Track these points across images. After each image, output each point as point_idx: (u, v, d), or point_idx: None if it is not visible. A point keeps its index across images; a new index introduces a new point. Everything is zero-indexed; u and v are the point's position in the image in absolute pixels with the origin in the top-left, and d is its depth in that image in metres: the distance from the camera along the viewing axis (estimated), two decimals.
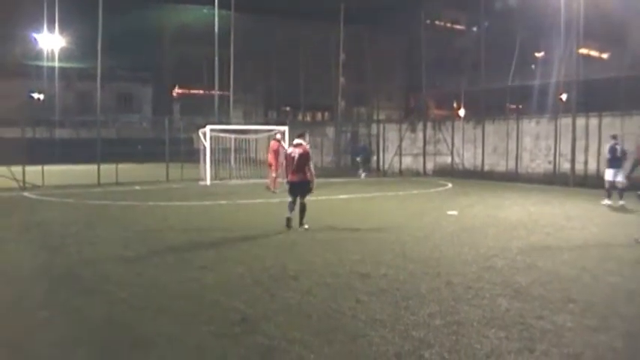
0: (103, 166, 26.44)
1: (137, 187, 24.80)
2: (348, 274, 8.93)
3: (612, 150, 18.83)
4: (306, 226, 13.32)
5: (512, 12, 34.75)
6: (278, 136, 24.60)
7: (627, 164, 17.54)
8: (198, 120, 39.10)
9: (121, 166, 27.17)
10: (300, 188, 13.41)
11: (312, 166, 13.47)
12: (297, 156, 13.33)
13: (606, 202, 18.55)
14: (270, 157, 23.09)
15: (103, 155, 27.15)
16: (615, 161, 18.54)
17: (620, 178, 18.17)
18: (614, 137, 19.68)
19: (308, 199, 13.55)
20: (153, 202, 19.39)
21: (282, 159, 19.79)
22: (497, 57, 34.10)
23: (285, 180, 14.02)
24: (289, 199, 13.56)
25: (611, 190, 18.62)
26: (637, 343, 6.16)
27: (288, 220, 13.33)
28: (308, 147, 13.76)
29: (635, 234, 12.72)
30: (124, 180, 26.37)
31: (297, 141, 13.71)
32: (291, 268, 9.34)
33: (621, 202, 18.09)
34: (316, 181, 13.62)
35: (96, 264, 9.82)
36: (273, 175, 22.91)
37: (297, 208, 13.42)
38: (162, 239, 12.27)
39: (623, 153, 18.70)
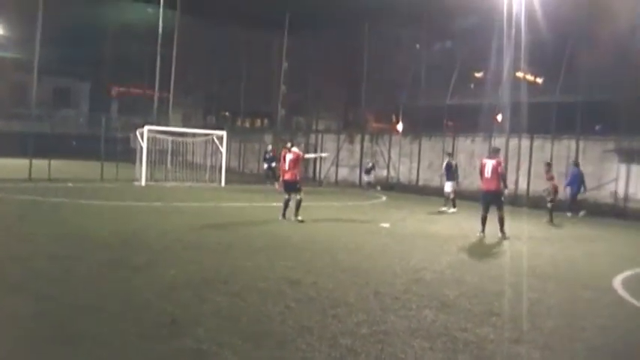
0: (36, 162, 25.82)
1: (70, 185, 24.32)
2: (278, 280, 9.01)
3: (448, 166, 22.55)
4: (300, 218, 16.08)
5: (454, 32, 35.48)
6: (288, 144, 26.33)
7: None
8: (136, 120, 38.57)
9: (54, 162, 26.57)
10: (291, 186, 16.46)
11: (299, 167, 16.75)
12: (288, 160, 16.55)
13: (444, 208, 22.06)
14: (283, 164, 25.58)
15: (36, 150, 26.51)
16: (451, 174, 22.29)
17: (449, 189, 22.04)
18: (450, 155, 24.23)
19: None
20: (85, 201, 19.06)
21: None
22: (437, 74, 34.73)
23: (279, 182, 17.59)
24: (285, 195, 16.54)
25: (449, 199, 22.10)
26: (553, 354, 6.41)
27: (284, 213, 16.33)
28: (299, 152, 17.12)
29: (558, 252, 13.25)
30: (57, 176, 25.82)
31: (292, 149, 17.02)
32: (224, 272, 9.37)
33: (453, 210, 21.73)
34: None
35: (25, 261, 9.60)
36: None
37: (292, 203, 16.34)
38: (93, 238, 12.09)
39: (456, 167, 23.08)
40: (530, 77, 37.51)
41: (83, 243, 11.49)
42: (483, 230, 15.31)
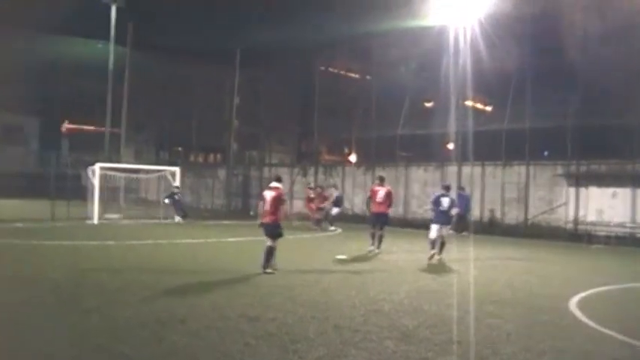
0: None
1: (19, 225, 23.72)
2: (236, 317, 8.86)
3: (339, 198, 28.81)
4: (269, 270, 13.13)
5: (404, 63, 36.03)
6: (311, 185, 31.86)
7: None
8: (87, 157, 38.04)
9: (2, 201, 25.95)
10: (269, 229, 13.45)
11: (283, 208, 13.71)
12: (268, 198, 13.45)
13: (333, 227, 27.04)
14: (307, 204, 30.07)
15: None
16: (339, 203, 28.44)
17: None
18: (335, 186, 31.16)
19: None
20: (36, 241, 18.58)
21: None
22: (388, 105, 35.11)
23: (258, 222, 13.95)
24: (267, 242, 13.44)
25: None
26: None
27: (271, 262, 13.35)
28: (282, 190, 13.96)
29: (513, 276, 13.39)
30: (6, 217, 25.17)
31: (273, 184, 13.87)
32: (180, 311, 9.17)
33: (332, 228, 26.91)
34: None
35: None
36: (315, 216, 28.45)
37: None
38: (44, 280, 11.74)
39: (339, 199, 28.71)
40: (479, 105, 38.21)
41: (32, 286, 11.14)
42: (373, 244, 17.89)
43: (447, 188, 17.24)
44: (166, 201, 29.19)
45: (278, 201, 13.47)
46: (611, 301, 11.70)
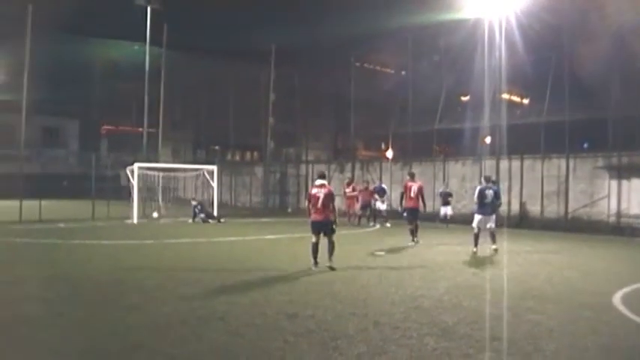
0: (26, 203, 25.63)
1: (61, 225, 24.14)
2: (275, 314, 8.87)
3: (382, 189, 28.61)
4: (334, 265, 13.36)
5: (439, 57, 35.77)
6: (347, 181, 31.11)
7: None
8: (125, 157, 38.51)
9: (44, 202, 26.39)
10: (324, 227, 13.60)
11: (334, 205, 13.75)
12: (322, 196, 13.52)
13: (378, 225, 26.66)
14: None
15: (25, 191, 26.34)
16: (383, 193, 28.32)
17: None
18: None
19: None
20: (78, 241, 18.89)
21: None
22: (424, 100, 34.89)
23: (308, 219, 13.98)
24: (313, 239, 13.61)
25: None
26: None
27: (315, 260, 13.44)
28: (330, 187, 14.04)
29: (554, 271, 13.19)
30: (48, 217, 25.63)
31: (320, 181, 13.96)
32: (219, 308, 9.21)
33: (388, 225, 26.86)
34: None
35: (14, 304, 9.45)
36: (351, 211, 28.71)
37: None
38: (86, 279, 11.94)
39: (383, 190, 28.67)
40: (516, 98, 37.76)
41: (75, 284, 11.33)
42: (413, 240, 19.10)
43: (488, 179, 17.78)
44: (191, 221, 28.58)
45: (330, 198, 13.64)
46: None
